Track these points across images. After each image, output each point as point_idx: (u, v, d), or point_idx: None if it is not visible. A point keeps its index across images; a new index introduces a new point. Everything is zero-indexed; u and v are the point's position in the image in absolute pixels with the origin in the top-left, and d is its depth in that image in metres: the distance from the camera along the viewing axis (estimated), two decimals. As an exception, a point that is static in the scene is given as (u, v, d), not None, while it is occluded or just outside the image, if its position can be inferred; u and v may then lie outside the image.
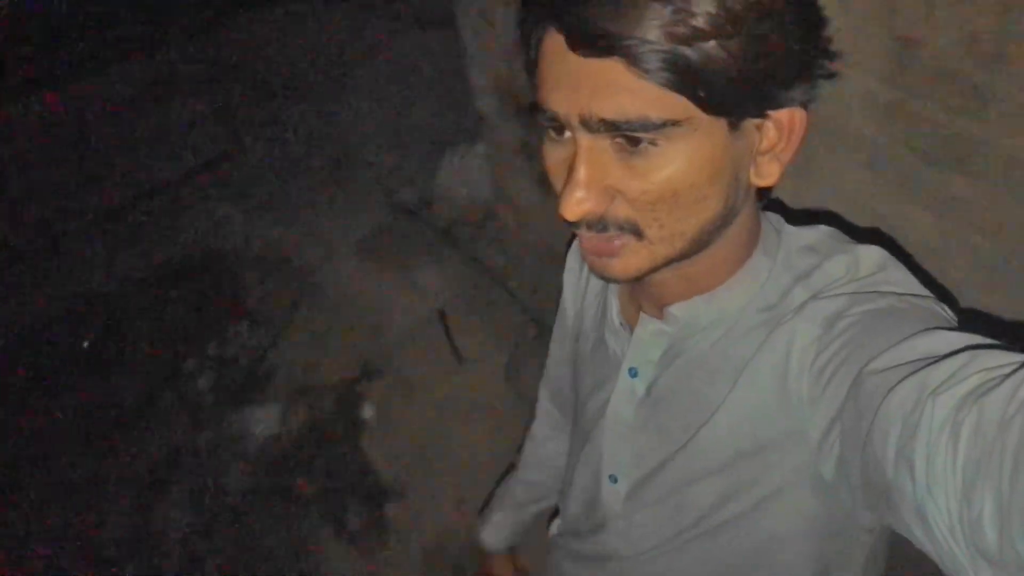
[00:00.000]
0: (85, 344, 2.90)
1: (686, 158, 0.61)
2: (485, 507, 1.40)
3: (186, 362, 2.75)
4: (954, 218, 1.18)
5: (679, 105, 0.58)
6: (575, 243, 1.02)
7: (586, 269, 0.99)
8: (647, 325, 0.80)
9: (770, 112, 0.63)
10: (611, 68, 0.58)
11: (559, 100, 0.61)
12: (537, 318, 2.49)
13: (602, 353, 0.89)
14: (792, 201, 1.42)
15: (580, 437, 0.96)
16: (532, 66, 0.65)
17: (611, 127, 0.60)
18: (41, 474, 2.49)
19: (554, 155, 0.67)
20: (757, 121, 0.63)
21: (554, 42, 0.61)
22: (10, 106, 3.41)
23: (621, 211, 0.64)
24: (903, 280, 0.69)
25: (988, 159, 1.09)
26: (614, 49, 0.57)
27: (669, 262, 0.68)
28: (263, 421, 2.52)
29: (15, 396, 2.72)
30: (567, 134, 0.64)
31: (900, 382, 0.53)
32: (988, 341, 0.55)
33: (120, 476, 2.46)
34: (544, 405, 1.24)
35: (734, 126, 0.62)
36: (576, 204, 0.62)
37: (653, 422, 0.82)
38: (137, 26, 3.70)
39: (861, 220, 1.32)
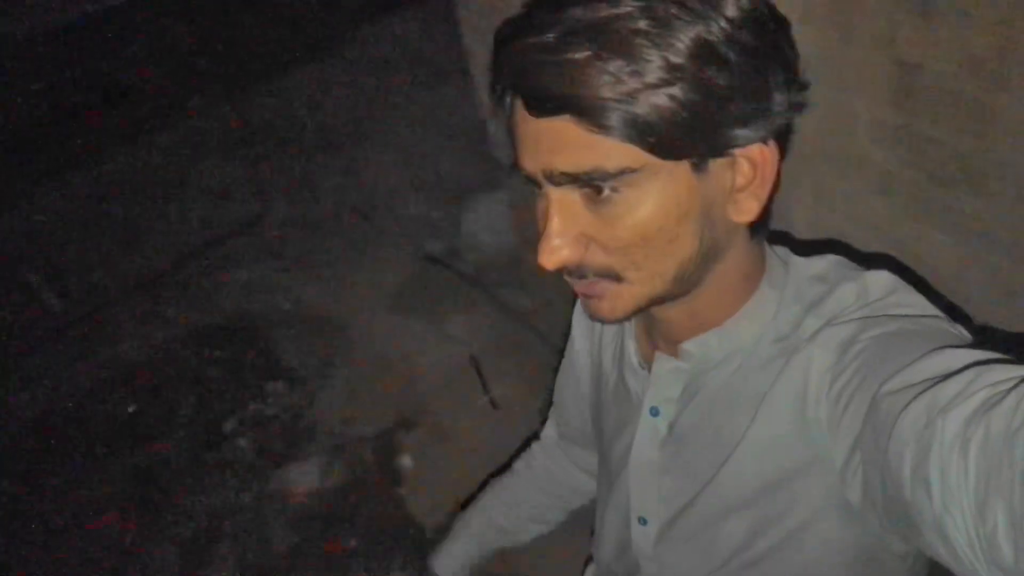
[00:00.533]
0: (130, 410, 2.95)
1: (651, 203, 0.63)
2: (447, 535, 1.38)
3: (226, 423, 2.79)
4: (970, 239, 1.18)
5: (633, 153, 0.61)
6: None
7: None
8: (664, 363, 0.81)
9: (735, 151, 0.64)
10: (564, 127, 0.61)
11: (526, 159, 0.66)
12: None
13: (622, 394, 0.90)
14: (809, 229, 1.43)
15: (607, 481, 0.97)
16: (507, 132, 0.70)
17: (571, 179, 0.63)
18: (90, 539, 2.53)
19: (537, 209, 0.70)
20: (726, 160, 0.65)
21: (516, 106, 0.65)
22: (46, 182, 3.53)
23: (597, 258, 0.67)
24: (913, 302, 0.70)
25: (1000, 178, 1.09)
26: (564, 108, 0.60)
27: (655, 301, 0.70)
28: (304, 477, 2.54)
29: (63, 465, 2.77)
30: (543, 189, 0.67)
31: (912, 402, 0.54)
32: (996, 356, 0.55)
33: (166, 538, 2.48)
34: (551, 437, 1.25)
35: (697, 167, 0.63)
36: (552, 253, 0.66)
37: (678, 461, 0.82)
38: (166, 94, 3.83)
39: (878, 245, 1.32)
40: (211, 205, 3.80)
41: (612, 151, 0.61)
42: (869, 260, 0.75)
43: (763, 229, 0.75)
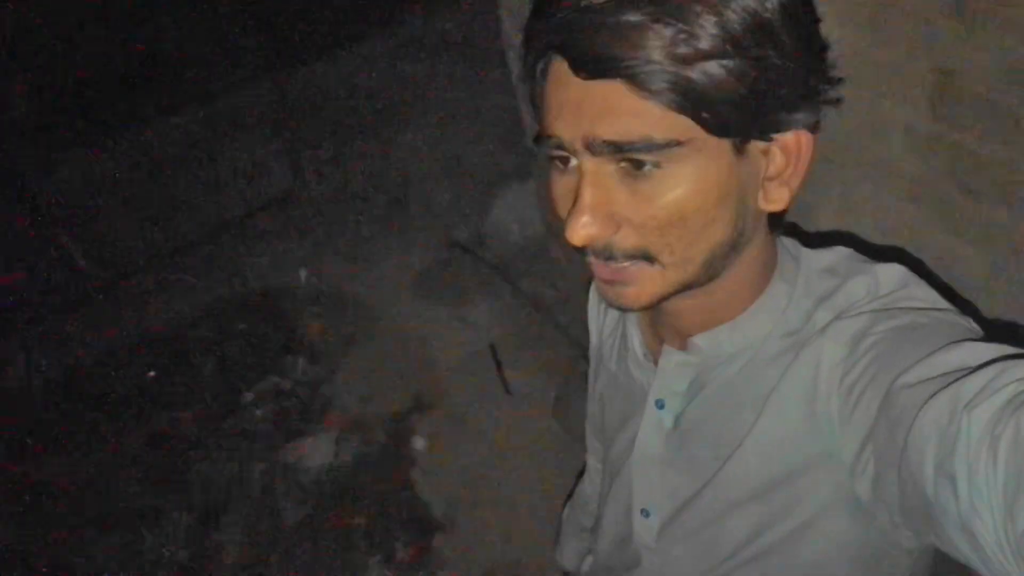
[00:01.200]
0: (150, 375, 3.00)
1: (692, 180, 0.61)
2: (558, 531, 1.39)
3: (245, 394, 2.83)
4: (1000, 251, 1.16)
5: (682, 126, 0.59)
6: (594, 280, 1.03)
7: (603, 303, 1.00)
8: (671, 357, 0.80)
9: (775, 136, 0.63)
10: (614, 90, 0.59)
11: (563, 126, 0.62)
12: (587, 353, 2.49)
13: (627, 386, 0.89)
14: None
15: (609, 472, 0.96)
16: (536, 97, 0.67)
17: (615, 149, 0.60)
18: (105, 501, 2.58)
19: (560, 185, 0.67)
20: (763, 146, 0.64)
21: (557, 70, 0.62)
22: (84, 148, 3.59)
23: (629, 240, 0.64)
24: (925, 296, 0.69)
25: (1032, 190, 1.07)
26: (617, 71, 0.58)
27: (681, 289, 0.68)
28: (317, 452, 2.56)
29: (84, 426, 2.82)
30: (572, 163, 0.65)
31: (932, 397, 0.53)
32: (1018, 351, 0.54)
33: (177, 502, 2.52)
34: (590, 440, 1.24)
35: (739, 150, 0.62)
36: (581, 228, 0.63)
37: (683, 454, 0.81)
38: (205, 71, 3.86)
39: (905, 255, 1.30)
40: (244, 180, 3.84)
41: (661, 120, 0.59)
42: (879, 253, 0.73)
43: (781, 223, 0.75)
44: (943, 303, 0.68)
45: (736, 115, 0.59)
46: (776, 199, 0.67)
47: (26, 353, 3.11)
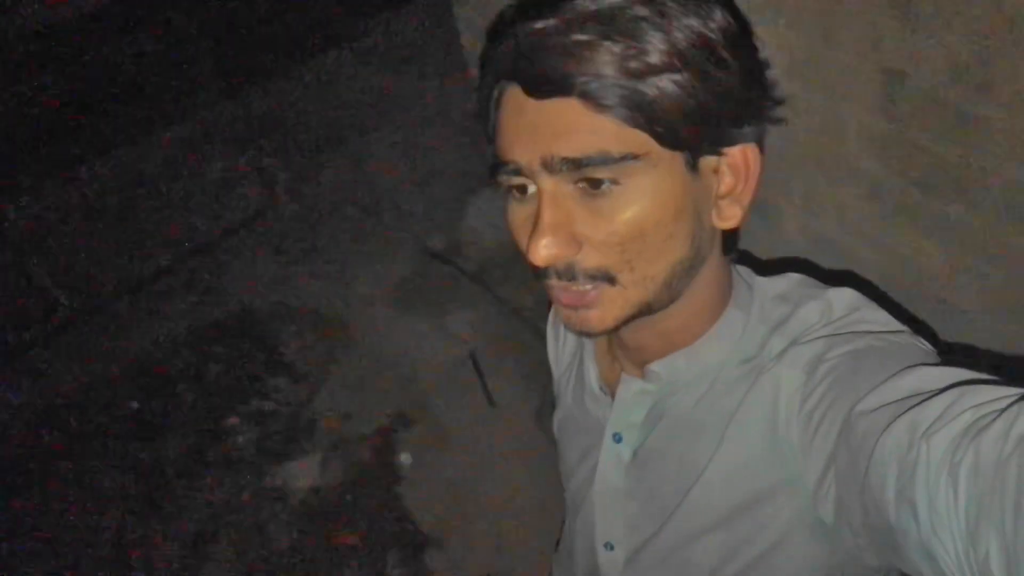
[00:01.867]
0: (134, 405, 2.98)
1: (649, 195, 0.62)
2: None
3: (227, 419, 2.81)
4: (958, 245, 1.17)
5: (638, 140, 0.60)
6: (551, 313, 1.03)
7: (560, 337, 1.00)
8: (629, 386, 0.80)
9: (725, 150, 0.65)
10: (569, 108, 0.60)
11: (519, 150, 0.63)
12: (567, 357, 2.49)
13: (583, 421, 0.89)
14: (800, 235, 1.42)
15: (572, 506, 0.96)
16: (492, 128, 0.67)
17: (573, 166, 0.61)
18: (91, 533, 2.56)
19: (518, 214, 0.68)
20: (714, 163, 0.65)
21: (511, 96, 0.64)
22: (52, 176, 3.56)
23: (590, 260, 0.65)
24: (878, 318, 0.69)
25: (984, 187, 1.08)
26: (571, 88, 0.59)
27: (643, 310, 0.68)
28: (304, 474, 2.55)
29: (67, 458, 2.80)
30: (530, 190, 0.65)
31: (891, 424, 0.53)
32: (972, 375, 0.55)
33: (166, 533, 2.51)
34: None
35: (691, 165, 0.64)
36: (543, 248, 0.63)
37: (643, 486, 0.82)
38: (170, 93, 3.84)
39: (868, 252, 1.31)
40: (215, 200, 3.81)
41: (617, 135, 0.60)
42: (831, 278, 0.74)
43: (734, 246, 0.75)
44: (896, 324, 0.69)
45: (687, 127, 0.61)
46: (729, 216, 0.68)
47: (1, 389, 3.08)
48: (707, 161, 0.65)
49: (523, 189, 0.66)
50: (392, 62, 4.17)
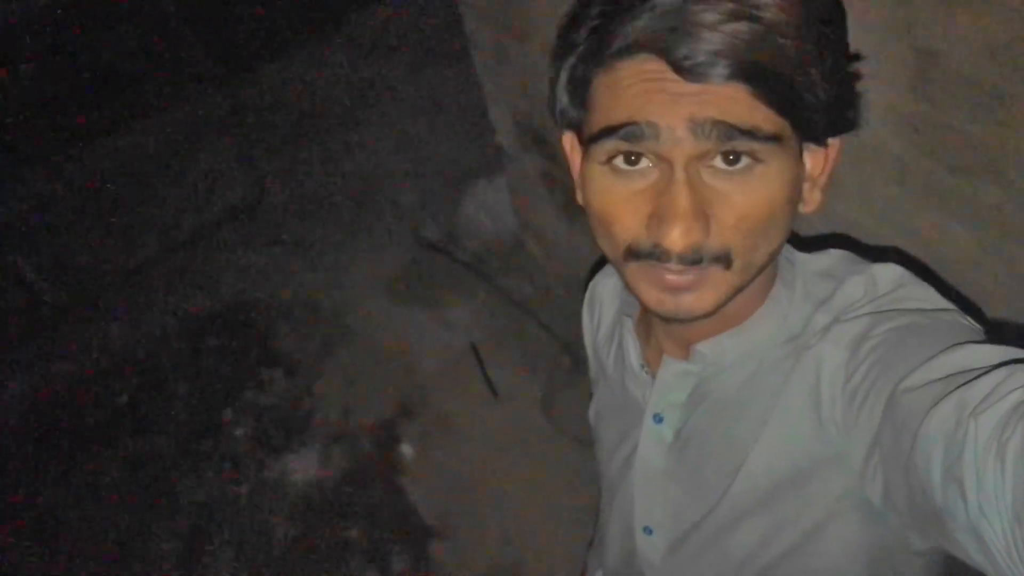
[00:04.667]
0: (124, 399, 2.93)
1: (780, 180, 0.61)
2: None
3: (223, 412, 2.77)
4: (988, 229, 1.16)
5: (780, 123, 0.60)
6: (589, 289, 1.00)
7: (595, 317, 0.97)
8: (671, 367, 0.78)
9: (831, 139, 0.66)
10: (733, 90, 0.58)
11: (659, 110, 0.58)
12: (570, 348, 2.48)
13: (623, 401, 0.87)
14: (822, 220, 1.41)
15: (610, 489, 0.94)
16: (586, 86, 0.64)
17: (724, 131, 0.57)
18: (86, 529, 2.52)
19: (621, 189, 0.63)
20: (808, 150, 0.66)
21: (642, 67, 0.59)
22: (39, 168, 3.49)
23: (717, 240, 0.61)
24: (923, 295, 0.68)
25: (1019, 167, 1.07)
26: (738, 75, 0.57)
27: (735, 295, 0.66)
28: (302, 467, 2.52)
29: (58, 453, 2.75)
30: (642, 164, 0.61)
31: (937, 401, 0.52)
32: (1022, 353, 0.54)
33: (163, 528, 2.47)
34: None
35: (800, 153, 0.64)
36: (682, 237, 0.59)
37: (685, 467, 0.80)
38: (157, 82, 3.78)
39: (893, 236, 1.30)
40: (206, 190, 3.76)
41: (766, 116, 0.59)
42: (875, 253, 0.73)
43: None
44: (943, 302, 0.67)
45: (823, 118, 0.62)
46: (811, 200, 0.68)
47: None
48: (807, 147, 0.65)
49: (633, 159, 0.61)
50: (384, 51, 4.13)
